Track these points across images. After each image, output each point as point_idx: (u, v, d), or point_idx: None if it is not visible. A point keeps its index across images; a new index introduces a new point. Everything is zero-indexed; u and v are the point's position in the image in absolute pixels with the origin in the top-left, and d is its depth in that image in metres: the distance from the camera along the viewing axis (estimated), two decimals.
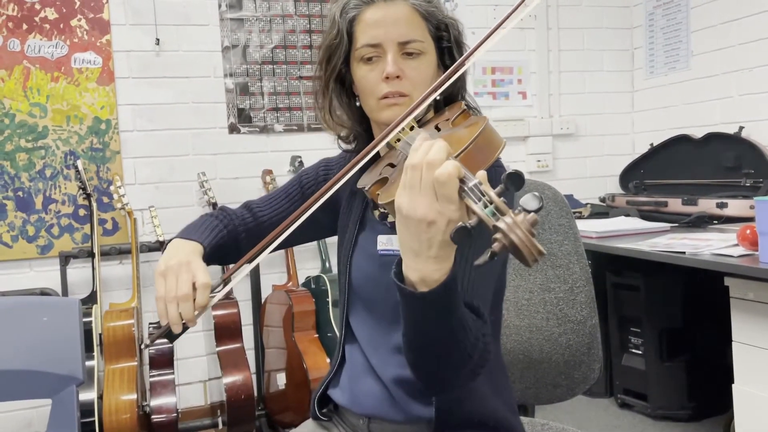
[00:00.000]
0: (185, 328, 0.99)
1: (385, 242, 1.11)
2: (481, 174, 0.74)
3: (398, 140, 0.99)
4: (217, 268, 2.93)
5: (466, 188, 0.74)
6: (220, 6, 2.96)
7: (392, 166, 0.99)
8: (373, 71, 1.07)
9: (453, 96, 1.13)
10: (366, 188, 0.96)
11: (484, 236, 0.70)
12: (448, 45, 1.11)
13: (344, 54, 1.11)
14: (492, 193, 0.71)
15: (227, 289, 1.02)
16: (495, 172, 1.01)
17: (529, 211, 0.68)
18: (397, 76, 1.05)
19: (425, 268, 0.79)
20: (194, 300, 0.98)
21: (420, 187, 0.76)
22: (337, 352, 1.21)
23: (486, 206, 0.70)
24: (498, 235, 0.68)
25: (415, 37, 1.06)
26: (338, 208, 1.23)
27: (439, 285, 0.80)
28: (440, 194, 0.75)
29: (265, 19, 3.03)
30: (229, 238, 1.18)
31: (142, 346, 1.05)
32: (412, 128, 1.01)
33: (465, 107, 1.04)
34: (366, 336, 1.15)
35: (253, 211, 1.24)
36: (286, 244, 1.11)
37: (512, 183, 0.70)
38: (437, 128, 1.02)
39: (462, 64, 0.99)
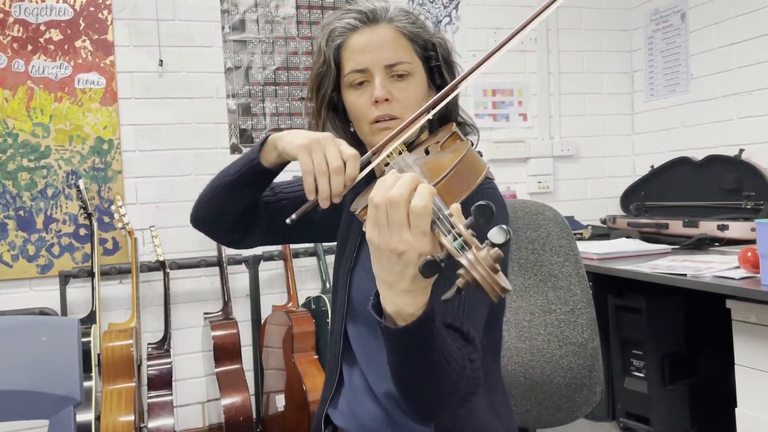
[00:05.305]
0: (331, 204, 0.97)
1: None
2: (455, 207, 0.74)
3: (387, 164, 1.00)
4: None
5: (437, 220, 0.74)
6: (223, 28, 2.99)
7: None
8: (363, 96, 1.08)
9: (447, 116, 1.14)
10: (356, 212, 0.97)
11: (455, 268, 0.70)
12: (437, 64, 1.13)
13: (333, 81, 1.12)
14: (461, 225, 0.71)
15: (376, 162, 0.99)
16: (479, 195, 0.99)
17: (494, 245, 0.68)
18: (386, 99, 1.06)
19: (399, 301, 0.79)
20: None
21: (387, 224, 0.76)
22: (335, 370, 1.19)
23: (455, 239, 0.71)
24: (461, 271, 0.68)
25: (402, 59, 1.08)
26: (341, 213, 1.23)
27: (413, 321, 0.79)
28: (414, 225, 0.74)
29: (268, 41, 3.05)
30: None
31: (288, 220, 1.00)
32: (401, 152, 1.01)
33: (455, 130, 1.05)
34: (364, 352, 1.14)
35: (273, 189, 1.25)
36: (289, 239, 1.09)
37: (481, 214, 0.70)
38: (426, 151, 1.02)
39: (447, 94, 0.99)
